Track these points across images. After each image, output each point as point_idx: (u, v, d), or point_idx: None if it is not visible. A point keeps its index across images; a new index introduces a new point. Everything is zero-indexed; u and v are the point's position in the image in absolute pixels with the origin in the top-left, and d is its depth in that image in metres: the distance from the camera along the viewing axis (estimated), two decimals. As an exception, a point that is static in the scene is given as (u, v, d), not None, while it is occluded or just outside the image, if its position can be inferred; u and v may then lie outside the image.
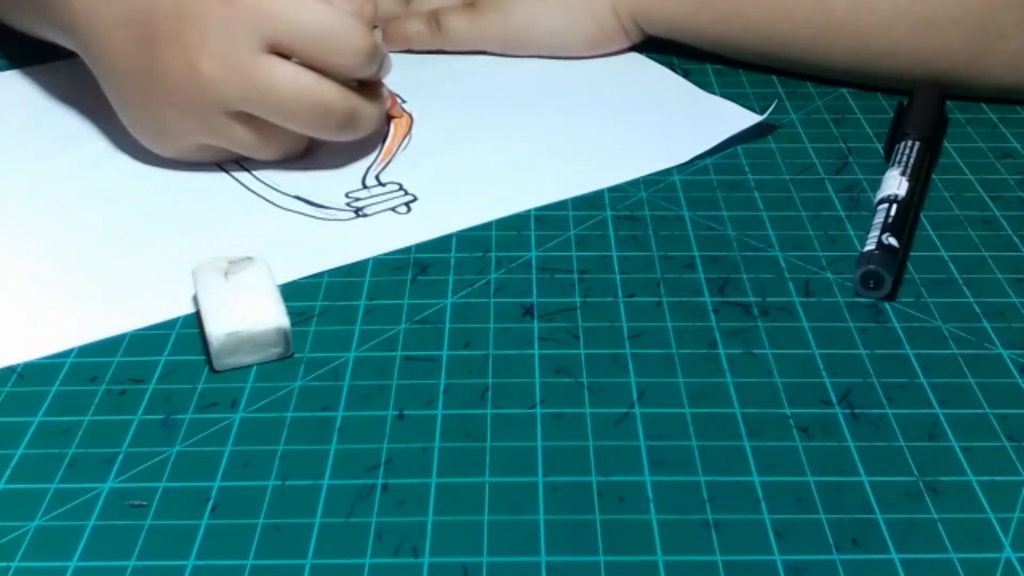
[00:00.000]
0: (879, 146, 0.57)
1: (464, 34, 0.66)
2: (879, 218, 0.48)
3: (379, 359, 0.43)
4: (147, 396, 0.41)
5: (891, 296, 0.46)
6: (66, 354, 0.43)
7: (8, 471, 0.38)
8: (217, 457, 0.38)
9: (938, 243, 0.49)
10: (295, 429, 0.40)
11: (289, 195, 0.53)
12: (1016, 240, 0.50)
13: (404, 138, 0.58)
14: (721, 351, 0.43)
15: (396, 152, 0.57)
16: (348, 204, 0.53)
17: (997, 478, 0.37)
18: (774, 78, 0.64)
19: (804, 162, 0.56)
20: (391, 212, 0.52)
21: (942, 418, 0.40)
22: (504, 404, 0.40)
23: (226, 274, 0.44)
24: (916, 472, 0.38)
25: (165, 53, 0.51)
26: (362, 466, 0.38)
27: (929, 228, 0.50)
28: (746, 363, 0.42)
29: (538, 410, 0.40)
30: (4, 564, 0.35)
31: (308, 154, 0.56)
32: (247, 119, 0.52)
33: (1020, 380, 0.42)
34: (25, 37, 0.62)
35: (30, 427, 0.40)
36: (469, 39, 0.66)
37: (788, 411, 0.40)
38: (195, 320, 0.44)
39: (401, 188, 0.53)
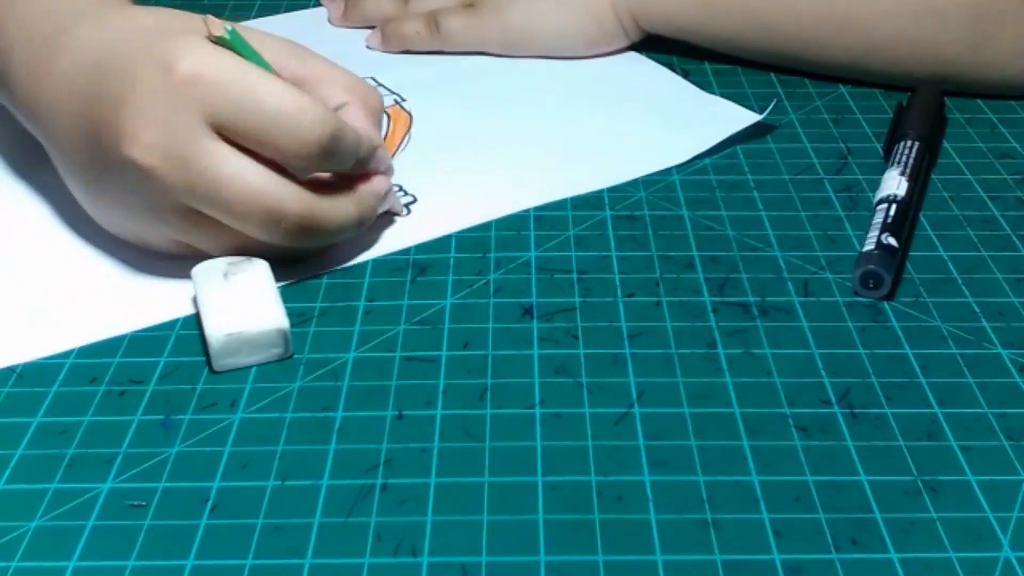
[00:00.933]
0: (878, 146, 0.57)
1: (463, 35, 0.66)
2: (878, 218, 0.48)
3: (378, 360, 0.43)
4: (147, 397, 0.41)
5: (890, 296, 0.46)
6: (66, 355, 0.43)
7: (8, 471, 0.38)
8: (216, 457, 0.38)
9: (937, 243, 0.49)
10: (294, 429, 0.40)
11: None
12: (1015, 240, 0.50)
13: (403, 138, 0.58)
14: (720, 351, 0.43)
15: (395, 152, 0.57)
16: None
17: (996, 477, 0.37)
18: (773, 77, 0.64)
19: (803, 162, 0.56)
20: (390, 213, 0.52)
21: (941, 417, 0.40)
22: (503, 404, 0.40)
23: (225, 275, 0.44)
24: (915, 471, 0.38)
25: (106, 145, 0.43)
26: (361, 466, 0.38)
27: (928, 228, 0.50)
28: (745, 363, 0.42)
29: (537, 410, 0.40)
30: (3, 564, 0.35)
31: None
32: (205, 216, 0.44)
33: (1019, 379, 0.42)
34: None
35: (30, 427, 0.40)
36: (468, 40, 0.66)
37: (787, 411, 0.40)
38: (195, 321, 0.44)
39: (401, 189, 0.53)
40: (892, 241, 0.46)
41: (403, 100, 0.61)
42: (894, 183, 0.50)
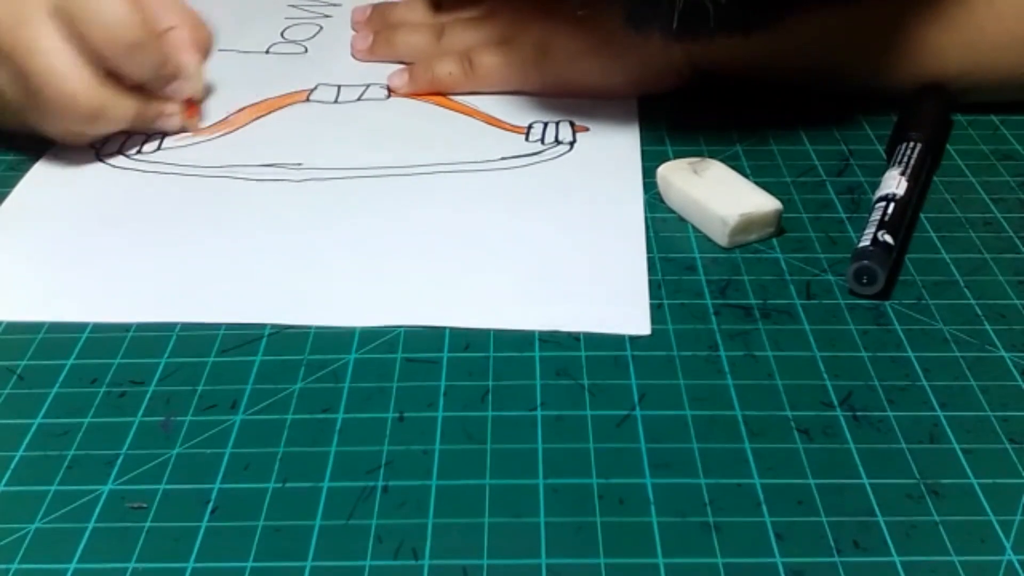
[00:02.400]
0: (880, 148, 0.57)
1: (500, 75, 0.61)
2: (876, 215, 0.48)
3: (379, 361, 0.43)
4: (147, 398, 0.41)
5: (884, 294, 0.46)
6: (66, 355, 0.43)
7: (8, 473, 0.38)
8: (217, 459, 0.38)
9: (939, 245, 0.49)
10: (295, 431, 0.39)
11: (494, 159, 0.55)
12: (1017, 242, 0.50)
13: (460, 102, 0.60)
14: (722, 353, 0.43)
15: (481, 111, 0.59)
16: (543, 142, 0.56)
17: (999, 480, 0.37)
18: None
19: (805, 163, 0.56)
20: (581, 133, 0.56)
21: (943, 420, 0.40)
22: (505, 406, 0.40)
23: (696, 171, 0.51)
24: (917, 474, 0.37)
25: None
26: (362, 468, 0.38)
27: (930, 230, 0.50)
28: (747, 365, 0.42)
29: (539, 412, 0.40)
30: (4, 566, 0.34)
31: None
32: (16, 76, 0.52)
33: (1021, 382, 0.41)
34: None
35: (30, 429, 0.40)
36: (505, 80, 0.61)
37: (789, 413, 0.40)
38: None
39: (545, 123, 0.57)
40: (888, 238, 0.46)
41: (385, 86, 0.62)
42: (894, 182, 0.50)
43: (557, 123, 0.58)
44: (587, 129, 0.57)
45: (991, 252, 0.49)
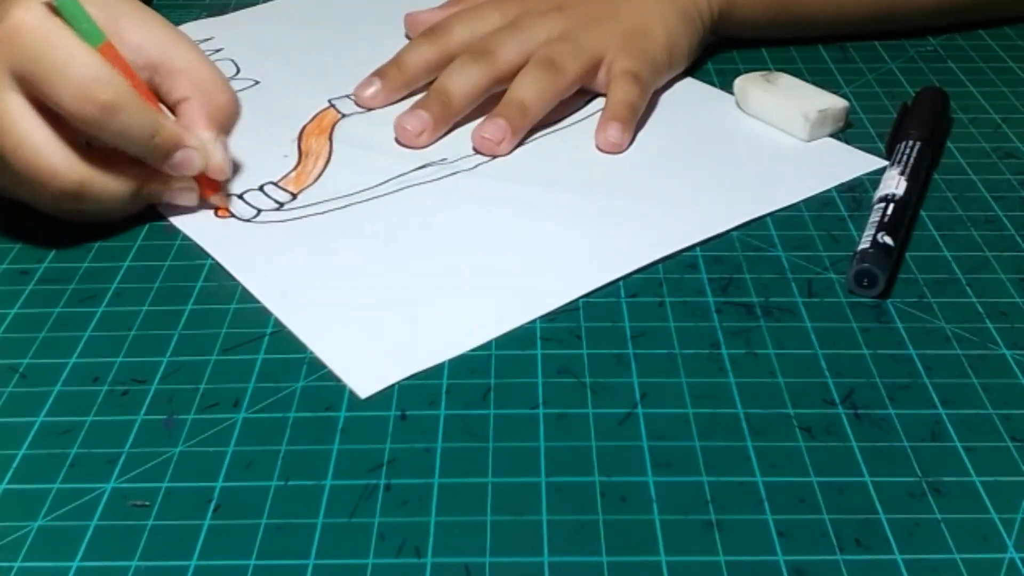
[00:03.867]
0: (882, 146, 0.57)
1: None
2: (875, 217, 0.48)
3: (381, 359, 0.43)
4: (149, 396, 0.41)
5: (885, 295, 0.46)
6: (68, 354, 0.43)
7: (10, 471, 0.38)
8: (219, 457, 0.38)
9: (941, 243, 0.49)
10: (298, 429, 0.39)
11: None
12: (1019, 240, 0.50)
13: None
14: (724, 351, 0.43)
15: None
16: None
17: (1000, 478, 0.37)
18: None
19: (807, 162, 0.56)
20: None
21: (945, 418, 0.40)
22: (507, 404, 0.40)
23: (769, 81, 0.58)
24: (919, 472, 0.37)
25: None
26: (365, 466, 0.38)
27: (932, 228, 0.50)
28: (749, 363, 0.42)
29: (541, 410, 0.40)
30: (6, 564, 0.35)
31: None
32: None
33: (1023, 380, 0.41)
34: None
35: (32, 427, 0.40)
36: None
37: (791, 411, 0.40)
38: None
39: None
40: (888, 240, 0.46)
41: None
42: (893, 182, 0.50)
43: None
44: None
45: (992, 250, 0.49)
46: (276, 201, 0.52)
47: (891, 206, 0.49)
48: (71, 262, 0.49)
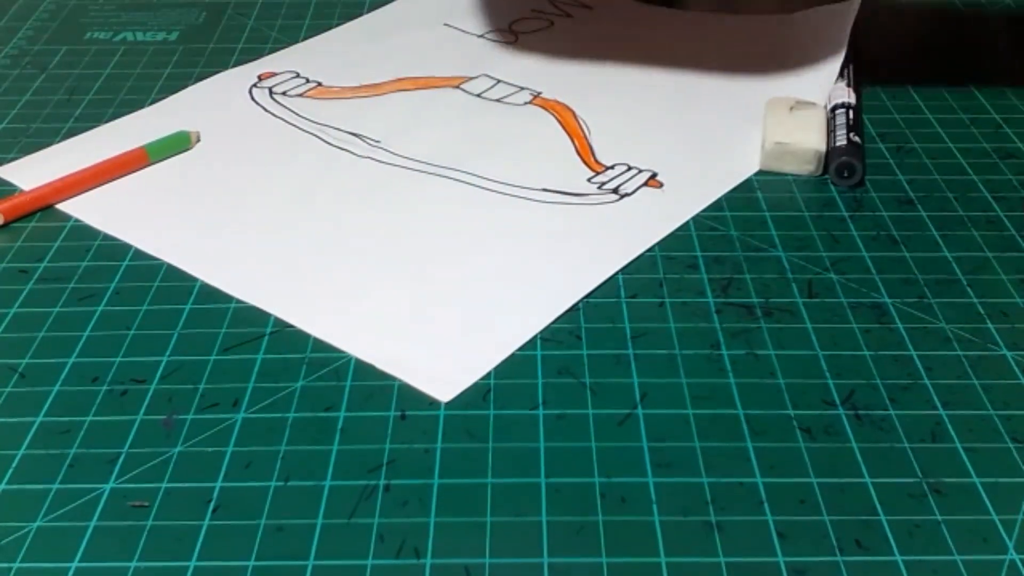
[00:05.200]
0: (883, 146, 0.57)
1: None
2: (840, 120, 0.56)
3: (381, 359, 0.43)
4: (149, 396, 0.41)
5: (861, 183, 0.53)
6: (68, 354, 0.43)
7: (9, 471, 0.38)
8: (219, 458, 0.38)
9: (941, 243, 0.49)
10: (297, 429, 0.39)
11: (536, 189, 0.53)
12: (1020, 240, 0.50)
13: (578, 123, 0.58)
14: (724, 352, 0.43)
15: (588, 137, 0.57)
16: (601, 187, 0.53)
17: (1001, 479, 0.37)
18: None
19: (807, 162, 0.56)
20: (646, 188, 0.53)
21: (945, 419, 0.40)
22: (507, 405, 0.40)
23: (791, 109, 0.56)
24: (920, 473, 0.37)
25: None
26: (364, 467, 0.38)
27: (932, 228, 0.50)
28: (749, 364, 0.42)
29: (540, 411, 0.40)
30: (5, 565, 0.34)
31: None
32: None
33: (1024, 381, 0.42)
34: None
35: (32, 427, 0.40)
36: None
37: (791, 412, 0.40)
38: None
39: (629, 167, 0.54)
40: (857, 138, 0.55)
41: (538, 93, 0.61)
42: (844, 93, 0.58)
43: (637, 173, 0.54)
44: (660, 186, 0.54)
45: (993, 250, 0.49)
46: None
47: (851, 111, 0.56)
48: (71, 261, 0.48)
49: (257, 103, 0.61)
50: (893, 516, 0.36)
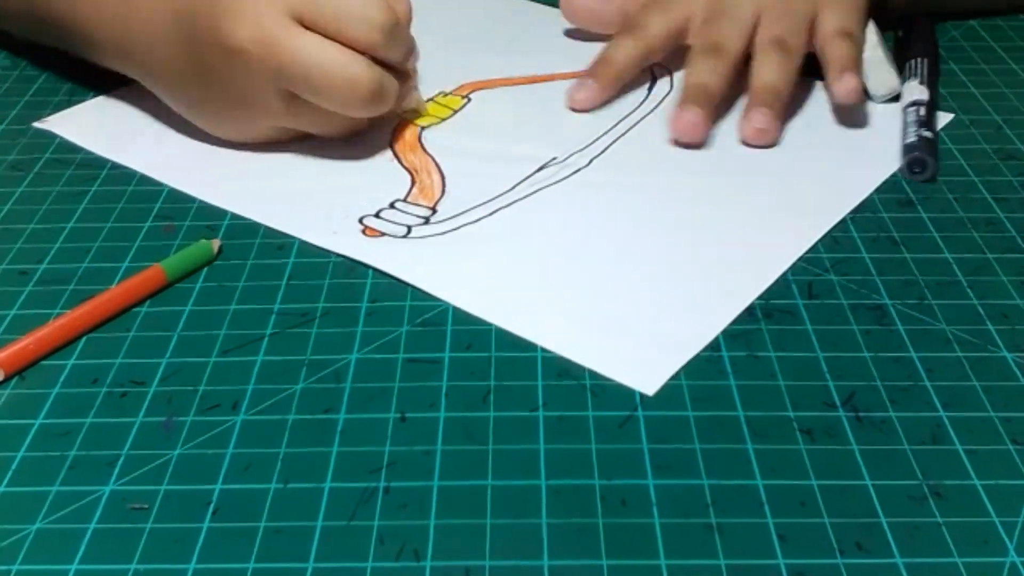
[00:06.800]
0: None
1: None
2: (911, 118, 0.56)
3: (381, 361, 0.43)
4: (148, 398, 0.41)
5: (933, 179, 0.53)
6: (67, 356, 0.43)
7: (9, 473, 0.38)
8: (218, 460, 0.38)
9: (942, 245, 0.49)
10: (297, 432, 0.39)
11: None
12: (1020, 242, 0.49)
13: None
14: (724, 354, 0.43)
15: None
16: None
17: (1001, 482, 0.37)
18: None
19: (807, 163, 0.56)
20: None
21: (946, 421, 0.40)
22: (506, 407, 0.40)
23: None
24: (920, 475, 0.37)
25: (205, 45, 0.51)
26: (364, 469, 0.38)
27: (933, 230, 0.50)
28: (749, 365, 0.42)
29: (540, 413, 0.40)
30: (5, 567, 0.34)
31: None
32: (295, 96, 0.52)
33: (1024, 383, 0.41)
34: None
35: (31, 429, 0.40)
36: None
37: (792, 414, 0.40)
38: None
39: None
40: (929, 134, 0.55)
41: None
42: (917, 91, 0.58)
43: None
44: None
45: (994, 252, 0.49)
46: (419, 216, 0.51)
47: (923, 108, 0.57)
48: (71, 262, 0.48)
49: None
50: (893, 518, 0.36)
